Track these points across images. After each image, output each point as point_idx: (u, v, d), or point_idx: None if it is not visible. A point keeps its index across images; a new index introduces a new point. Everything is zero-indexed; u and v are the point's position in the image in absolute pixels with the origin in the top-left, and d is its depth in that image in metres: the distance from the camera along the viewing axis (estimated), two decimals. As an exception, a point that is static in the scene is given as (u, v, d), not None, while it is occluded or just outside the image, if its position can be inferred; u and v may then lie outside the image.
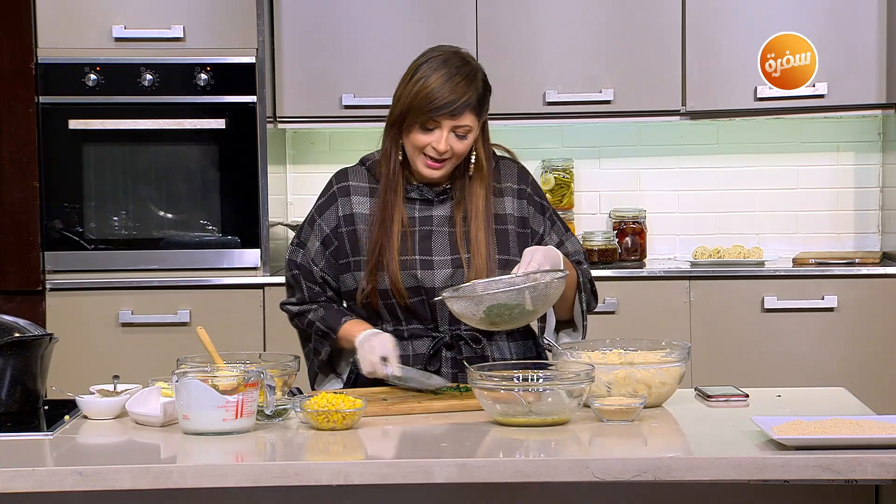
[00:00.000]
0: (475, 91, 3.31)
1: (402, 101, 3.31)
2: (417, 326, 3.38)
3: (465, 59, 3.35)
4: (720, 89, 5.29)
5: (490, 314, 3.13)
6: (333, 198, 3.45)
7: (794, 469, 2.60)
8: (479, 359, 3.33)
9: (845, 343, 5.14)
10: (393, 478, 2.62)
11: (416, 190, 3.39)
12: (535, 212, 3.45)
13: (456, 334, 3.37)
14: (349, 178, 3.47)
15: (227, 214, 5.20)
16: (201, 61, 5.15)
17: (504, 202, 3.43)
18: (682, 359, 3.10)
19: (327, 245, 3.42)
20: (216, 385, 2.84)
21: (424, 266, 3.34)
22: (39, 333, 3.19)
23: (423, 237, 3.37)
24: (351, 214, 3.41)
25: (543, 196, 3.50)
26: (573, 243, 3.47)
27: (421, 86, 3.27)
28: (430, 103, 3.26)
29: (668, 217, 5.67)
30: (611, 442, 2.81)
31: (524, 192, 3.45)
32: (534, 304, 3.14)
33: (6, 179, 5.12)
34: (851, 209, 5.63)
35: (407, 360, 3.35)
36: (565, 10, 5.29)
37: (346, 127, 5.48)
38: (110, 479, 2.61)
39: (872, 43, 5.22)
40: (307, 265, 3.43)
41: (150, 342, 5.12)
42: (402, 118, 3.32)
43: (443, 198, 3.40)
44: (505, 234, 3.40)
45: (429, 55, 3.34)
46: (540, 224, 3.45)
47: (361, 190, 3.43)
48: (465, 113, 3.29)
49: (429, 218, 3.39)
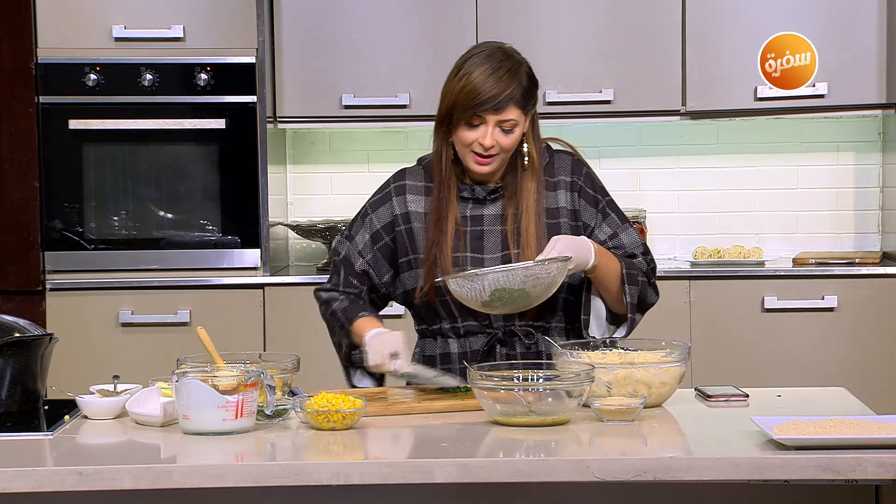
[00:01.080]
0: (519, 84, 3.32)
1: (447, 99, 3.31)
2: (472, 323, 3.38)
3: (509, 54, 3.36)
4: (720, 89, 5.29)
5: (493, 297, 3.15)
6: (389, 196, 3.46)
7: (794, 469, 2.59)
8: (534, 355, 3.34)
9: (845, 343, 5.14)
10: (393, 478, 2.62)
11: (469, 189, 3.40)
12: (587, 204, 3.44)
13: (509, 330, 3.37)
14: (406, 177, 3.47)
15: (227, 214, 5.20)
16: (201, 61, 5.16)
17: (557, 196, 3.43)
18: (682, 359, 3.10)
19: (376, 240, 3.43)
20: (216, 385, 2.84)
21: (475, 263, 3.35)
22: (39, 333, 3.19)
23: (475, 236, 3.38)
24: (407, 213, 3.42)
25: (599, 188, 3.48)
26: (629, 235, 3.45)
27: (465, 82, 3.28)
28: (473, 99, 3.27)
29: (668, 217, 5.67)
30: (611, 442, 2.81)
31: (576, 184, 3.45)
32: (531, 288, 3.15)
33: (6, 179, 5.13)
34: (851, 209, 5.63)
35: (464, 356, 3.37)
36: (565, 10, 5.29)
37: (346, 127, 5.48)
38: (110, 479, 2.61)
39: (872, 43, 5.22)
40: (349, 257, 3.44)
41: (150, 342, 5.12)
42: (448, 116, 3.32)
43: (494, 196, 3.40)
44: (557, 228, 3.39)
45: (473, 51, 3.35)
46: (592, 217, 3.43)
47: (417, 189, 3.44)
48: (508, 107, 3.29)
49: (480, 217, 3.39)
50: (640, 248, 3.46)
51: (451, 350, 3.41)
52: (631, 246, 3.44)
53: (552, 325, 3.39)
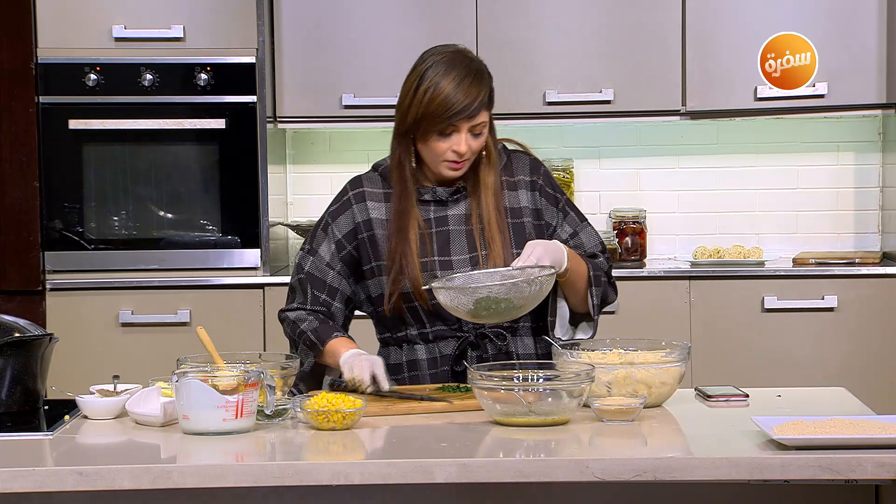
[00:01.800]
0: (486, 87, 3.32)
1: (414, 111, 3.28)
2: (442, 328, 3.37)
3: (468, 57, 3.34)
4: (720, 89, 5.29)
5: (477, 307, 3.14)
6: (349, 203, 3.43)
7: (793, 469, 2.59)
8: (505, 356, 3.33)
9: (845, 343, 5.14)
10: (393, 478, 2.62)
11: (431, 192, 3.39)
12: (548, 203, 3.45)
13: (480, 333, 3.36)
14: (364, 184, 3.45)
15: (227, 214, 5.20)
16: (201, 61, 5.16)
17: (519, 195, 3.43)
18: (682, 359, 3.10)
19: (340, 249, 3.41)
20: (216, 385, 2.84)
21: (444, 267, 3.34)
22: (39, 333, 3.19)
23: (441, 239, 3.37)
24: (369, 220, 3.40)
25: (557, 187, 3.49)
26: (588, 234, 3.46)
27: (433, 94, 3.25)
28: (447, 110, 3.25)
29: (668, 217, 5.67)
30: (611, 442, 2.81)
31: (536, 183, 3.45)
32: (518, 299, 3.14)
33: (6, 179, 5.13)
34: (851, 209, 5.63)
35: (434, 362, 3.36)
36: (565, 10, 5.29)
37: (346, 127, 5.48)
38: (110, 479, 2.61)
39: (872, 43, 5.22)
40: (316, 273, 3.40)
41: (150, 342, 5.12)
42: (415, 127, 3.29)
43: (456, 197, 3.40)
44: (521, 227, 3.40)
45: (431, 59, 3.31)
46: (553, 216, 3.44)
47: (377, 196, 3.42)
48: (480, 112, 3.29)
49: (444, 218, 3.38)
50: (599, 247, 3.47)
51: (419, 357, 3.38)
52: (591, 245, 3.45)
53: (521, 326, 3.39)
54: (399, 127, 3.34)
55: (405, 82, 3.33)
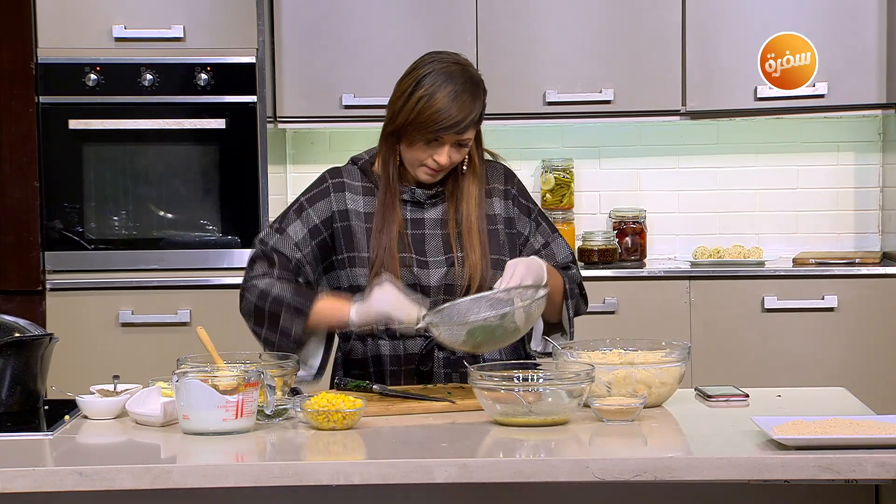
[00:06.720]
0: (480, 106, 3.28)
1: (404, 114, 3.26)
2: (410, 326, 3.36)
3: (468, 71, 3.30)
4: (720, 89, 5.29)
5: (473, 337, 3.11)
6: (327, 191, 3.41)
7: (793, 469, 2.60)
8: (472, 358, 3.31)
9: (845, 343, 5.14)
10: (393, 478, 2.62)
11: (409, 192, 3.38)
12: (521, 213, 3.44)
13: None
14: (343, 175, 3.44)
15: (227, 214, 5.20)
16: (201, 61, 5.16)
17: (493, 203, 3.42)
18: (682, 359, 3.10)
19: (315, 235, 3.36)
20: (216, 385, 2.84)
21: (420, 265, 3.34)
22: (39, 333, 3.19)
23: (416, 240, 3.36)
24: (346, 210, 3.39)
25: (529, 198, 3.49)
26: (560, 245, 3.45)
27: (426, 104, 3.22)
28: (436, 122, 3.23)
29: (668, 217, 5.67)
30: (611, 442, 2.81)
31: (510, 193, 3.45)
32: (516, 325, 3.12)
33: (6, 179, 5.13)
34: (851, 209, 5.63)
35: (398, 359, 3.35)
36: (565, 10, 5.29)
37: (346, 127, 5.48)
38: (110, 479, 2.61)
39: (872, 43, 5.22)
40: (281, 249, 3.34)
41: (150, 342, 5.12)
42: (403, 130, 3.28)
43: (434, 200, 3.39)
44: (496, 234, 3.39)
45: (430, 67, 3.28)
46: (525, 226, 3.44)
47: (355, 188, 3.41)
48: (469, 129, 3.28)
49: (421, 221, 3.37)
50: (570, 258, 3.47)
51: (383, 352, 3.37)
52: (562, 256, 3.44)
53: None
54: (388, 125, 3.34)
55: (401, 81, 3.31)
